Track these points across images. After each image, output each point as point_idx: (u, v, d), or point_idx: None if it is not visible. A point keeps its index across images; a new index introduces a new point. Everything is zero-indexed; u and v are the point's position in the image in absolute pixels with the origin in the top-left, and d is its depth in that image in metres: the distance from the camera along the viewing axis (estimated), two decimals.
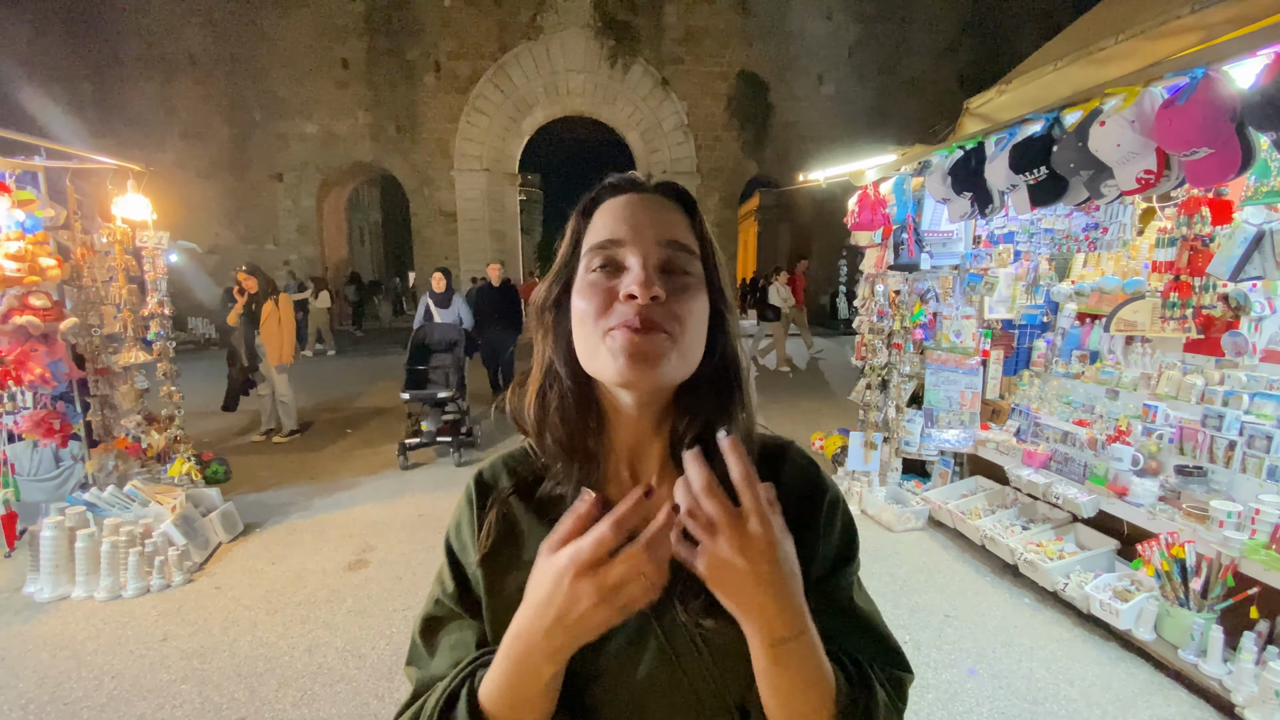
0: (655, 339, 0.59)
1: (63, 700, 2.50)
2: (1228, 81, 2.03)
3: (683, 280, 0.63)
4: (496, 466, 0.74)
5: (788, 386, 8.78)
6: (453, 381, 5.59)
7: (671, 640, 0.63)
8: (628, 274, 0.61)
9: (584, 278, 0.64)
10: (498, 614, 0.66)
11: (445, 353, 5.86)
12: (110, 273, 4.23)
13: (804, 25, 15.23)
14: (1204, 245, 2.78)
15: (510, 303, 7.48)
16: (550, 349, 0.68)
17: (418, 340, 5.83)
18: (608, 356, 0.60)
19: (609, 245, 0.63)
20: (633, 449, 0.68)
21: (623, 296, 0.60)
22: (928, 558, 3.69)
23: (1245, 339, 2.82)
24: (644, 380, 0.60)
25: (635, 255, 0.62)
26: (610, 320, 0.61)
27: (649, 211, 0.65)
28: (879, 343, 4.50)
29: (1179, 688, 2.51)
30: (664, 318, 0.60)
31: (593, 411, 0.68)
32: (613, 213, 0.65)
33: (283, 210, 15.14)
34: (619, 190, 0.67)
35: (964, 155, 3.35)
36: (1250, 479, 2.67)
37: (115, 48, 13.93)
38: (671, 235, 0.64)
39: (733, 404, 0.67)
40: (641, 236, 0.63)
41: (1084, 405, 3.65)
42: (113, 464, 4.05)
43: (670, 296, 0.61)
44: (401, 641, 2.87)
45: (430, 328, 6.00)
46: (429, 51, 14.68)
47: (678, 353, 0.61)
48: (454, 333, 5.91)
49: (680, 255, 0.64)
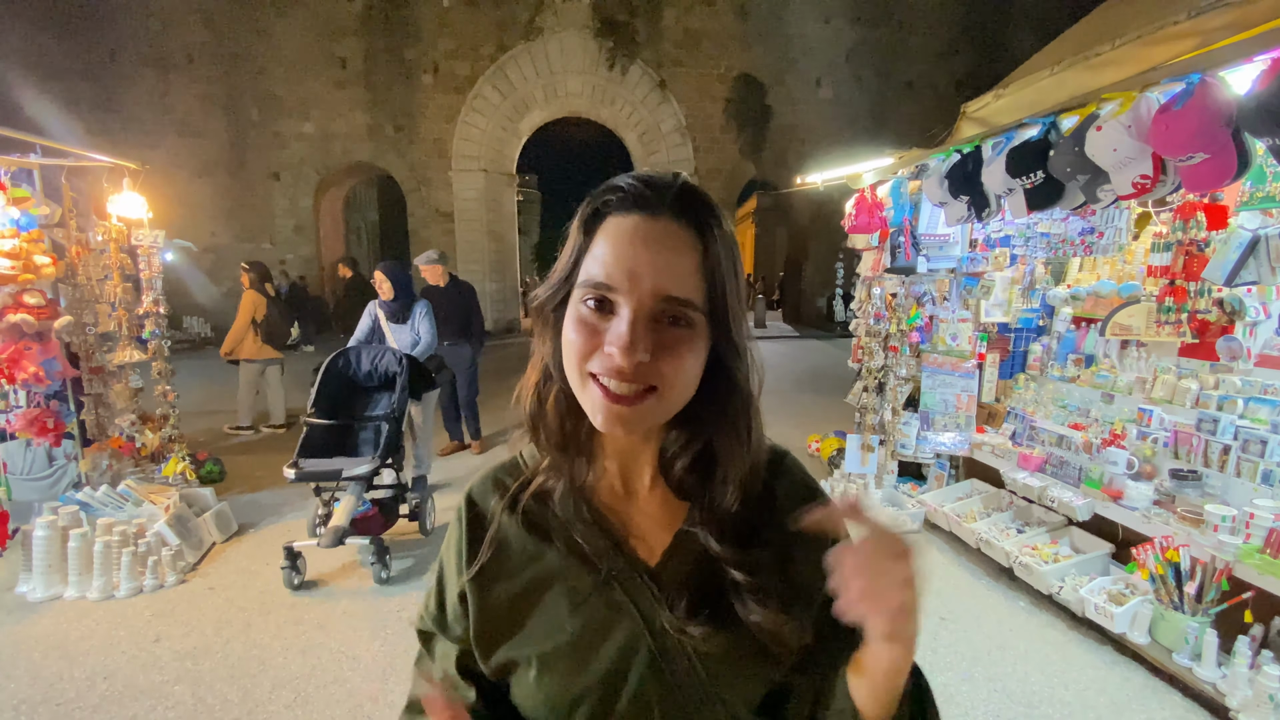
0: (638, 407, 0.58)
1: (55, 701, 2.48)
2: (1224, 87, 2.04)
3: (677, 334, 0.58)
4: (486, 483, 0.73)
5: (782, 389, 8.79)
6: (386, 440, 3.58)
7: (663, 651, 0.62)
8: (615, 323, 0.57)
9: (576, 306, 0.60)
10: (484, 624, 0.67)
11: (381, 391, 3.88)
12: (105, 271, 4.22)
13: (802, 28, 15.26)
14: (1199, 250, 2.79)
15: (464, 308, 5.53)
16: (548, 350, 0.66)
17: (333, 374, 3.75)
18: (588, 404, 0.60)
19: (601, 287, 0.58)
20: (623, 451, 0.68)
21: (605, 350, 0.57)
22: (923, 560, 3.69)
23: (1240, 344, 2.83)
24: (622, 435, 0.60)
25: (627, 307, 0.57)
26: (594, 364, 0.58)
27: (652, 253, 0.57)
28: (875, 345, 4.51)
29: (1173, 691, 2.51)
30: (650, 374, 0.57)
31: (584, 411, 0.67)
32: (612, 246, 0.58)
33: (279, 209, 15.09)
34: (626, 207, 0.59)
35: (961, 159, 3.36)
36: (1245, 483, 2.68)
37: (112, 45, 13.87)
38: (672, 289, 0.57)
39: (736, 442, 0.65)
40: (636, 286, 0.57)
41: (1079, 409, 3.66)
42: (106, 463, 4.03)
43: (660, 353, 0.57)
44: (396, 643, 2.86)
45: (359, 354, 3.83)
46: (427, 52, 14.66)
47: (662, 406, 0.59)
48: (394, 361, 3.81)
49: (679, 309, 0.58)
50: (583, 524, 0.66)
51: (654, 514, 0.68)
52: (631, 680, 0.62)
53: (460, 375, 5.53)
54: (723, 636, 0.61)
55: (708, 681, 0.62)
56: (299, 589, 3.32)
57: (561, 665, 0.63)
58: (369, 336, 4.49)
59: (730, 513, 0.65)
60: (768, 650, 0.62)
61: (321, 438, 3.66)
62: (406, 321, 4.48)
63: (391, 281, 4.41)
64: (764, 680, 0.64)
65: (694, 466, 0.66)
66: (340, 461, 3.51)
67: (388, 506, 3.84)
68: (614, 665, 0.62)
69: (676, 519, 0.67)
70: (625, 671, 0.62)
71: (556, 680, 0.63)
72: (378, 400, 3.88)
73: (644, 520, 0.68)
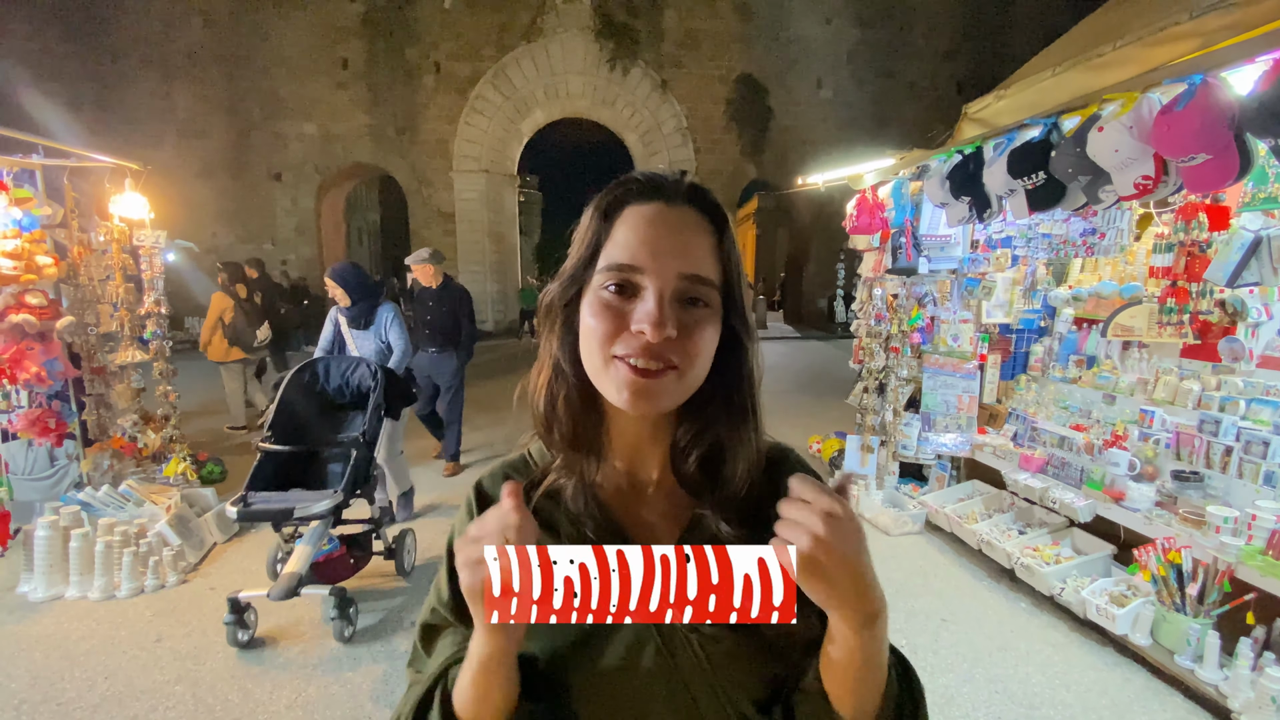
0: (661, 381, 0.59)
1: (55, 701, 2.49)
2: (1226, 88, 2.04)
3: (697, 314, 0.61)
4: (496, 475, 0.73)
5: (783, 390, 8.78)
6: (354, 470, 3.04)
7: (670, 646, 0.63)
8: (641, 305, 0.59)
9: (597, 292, 0.62)
10: None
11: (355, 410, 3.37)
12: (107, 271, 4.23)
13: (803, 29, 15.27)
14: (1201, 251, 2.79)
15: (453, 313, 4.96)
16: (557, 347, 0.67)
17: (298, 391, 3.23)
18: (612, 385, 0.60)
19: (626, 269, 0.60)
20: (632, 447, 0.69)
21: (634, 329, 0.59)
22: (924, 561, 3.69)
23: (1242, 344, 2.82)
24: (646, 413, 0.61)
25: (653, 286, 0.59)
26: (618, 348, 0.59)
27: (673, 234, 0.61)
28: (876, 346, 4.50)
29: (1175, 693, 2.51)
30: (673, 352, 0.59)
31: (595, 408, 0.67)
32: (635, 229, 0.61)
33: (281, 210, 15.12)
34: (645, 195, 0.63)
35: (962, 160, 3.36)
36: (1247, 484, 2.68)
37: (114, 46, 13.91)
38: (694, 268, 0.61)
39: (744, 426, 0.67)
40: (662, 266, 0.60)
41: (1081, 410, 3.65)
42: (108, 463, 4.03)
43: (682, 332, 0.59)
44: (397, 643, 2.87)
45: (328, 367, 3.36)
46: (429, 52, 14.69)
47: (682, 385, 0.61)
48: (368, 375, 3.29)
49: (700, 287, 0.61)
50: (593, 520, 0.67)
51: (662, 510, 0.69)
52: (639, 675, 0.63)
53: (443, 388, 5.01)
54: (732, 634, 0.60)
55: (713, 675, 0.63)
56: (247, 647, 2.79)
57: (570, 660, 0.63)
58: (331, 347, 4.01)
59: (739, 500, 0.66)
60: (774, 644, 0.63)
61: (281, 465, 3.10)
62: (370, 327, 3.94)
63: (343, 286, 3.84)
64: (769, 675, 0.64)
65: (706, 460, 0.67)
66: (296, 497, 2.92)
67: (359, 543, 3.29)
68: (621, 660, 0.63)
69: (684, 515, 0.68)
70: (633, 667, 0.63)
71: (564, 675, 0.64)
72: (352, 420, 3.34)
73: (652, 516, 0.69)
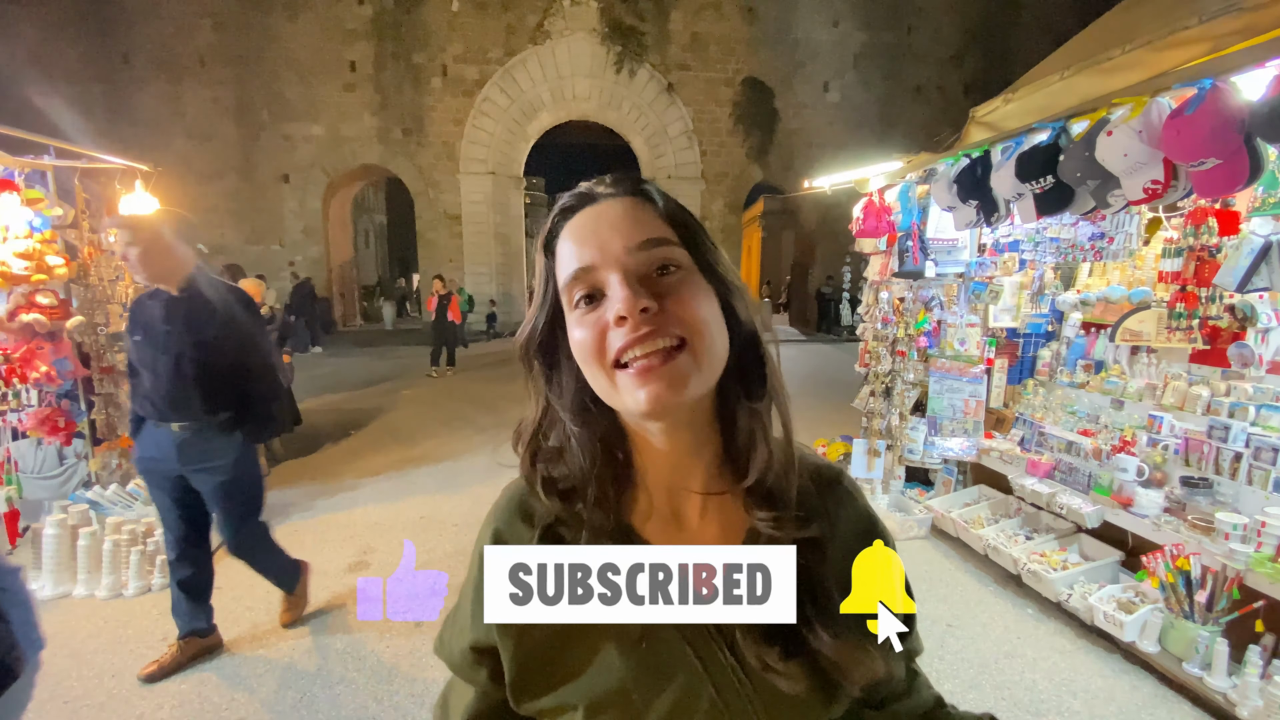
0: (674, 364, 0.55)
1: (62, 699, 2.50)
2: (1236, 92, 2.03)
3: (671, 277, 0.58)
4: (513, 512, 0.66)
5: (789, 392, 8.75)
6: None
7: (723, 696, 0.59)
8: (609, 297, 0.57)
9: (570, 317, 0.60)
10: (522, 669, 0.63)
11: None
12: (117, 272, 4.25)
13: (810, 32, 15.28)
14: (1211, 256, 2.77)
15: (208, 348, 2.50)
16: (545, 391, 0.64)
17: None
18: (627, 396, 0.57)
19: (581, 275, 0.58)
20: (670, 476, 0.64)
21: (613, 322, 0.56)
22: (930, 567, 3.68)
23: (1252, 350, 2.80)
24: (670, 408, 0.56)
25: (610, 272, 0.57)
26: (612, 353, 0.56)
27: (609, 221, 0.59)
28: (883, 350, 4.49)
29: (1183, 701, 2.49)
30: (665, 323, 0.55)
31: (611, 447, 0.64)
32: (573, 237, 0.60)
33: (288, 211, 15.21)
34: (572, 211, 0.62)
35: (970, 163, 3.34)
36: (1256, 491, 2.65)
37: (125, 49, 14.05)
38: (641, 235, 0.58)
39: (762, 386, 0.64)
40: (609, 251, 0.57)
41: (1088, 415, 3.63)
42: (116, 462, 4.06)
43: (663, 299, 0.56)
44: (400, 644, 2.87)
45: None
46: (436, 55, 14.77)
47: (700, 362, 0.57)
48: None
49: (657, 250, 0.58)
50: None
51: (713, 534, 0.64)
52: None
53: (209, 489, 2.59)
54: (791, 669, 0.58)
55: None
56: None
57: (612, 713, 0.60)
58: None
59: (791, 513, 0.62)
60: (832, 688, 0.60)
61: None
62: None
63: None
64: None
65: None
66: None
67: None
68: (670, 714, 0.59)
69: (738, 532, 0.64)
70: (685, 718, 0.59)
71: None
72: None
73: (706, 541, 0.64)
